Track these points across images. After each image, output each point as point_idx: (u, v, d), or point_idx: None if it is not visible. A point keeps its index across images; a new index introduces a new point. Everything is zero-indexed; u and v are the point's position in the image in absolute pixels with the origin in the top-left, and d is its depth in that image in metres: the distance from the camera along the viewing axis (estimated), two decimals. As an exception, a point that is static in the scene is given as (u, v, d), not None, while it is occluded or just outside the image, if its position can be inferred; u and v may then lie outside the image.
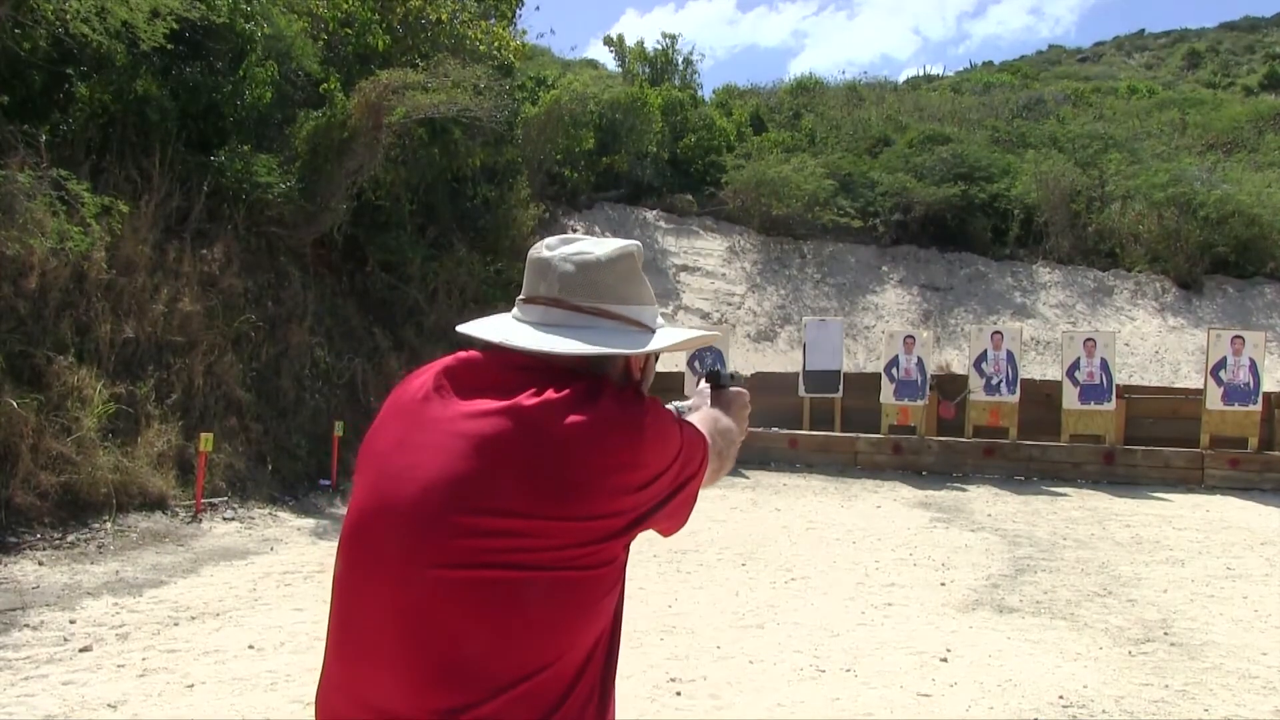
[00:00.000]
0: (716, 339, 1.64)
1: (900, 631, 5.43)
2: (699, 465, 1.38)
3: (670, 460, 1.30)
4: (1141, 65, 36.77)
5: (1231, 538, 8.41)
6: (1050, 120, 24.10)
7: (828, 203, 19.08)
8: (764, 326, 17.51)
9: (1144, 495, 10.66)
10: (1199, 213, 17.83)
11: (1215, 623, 5.72)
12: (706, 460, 1.41)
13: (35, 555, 6.57)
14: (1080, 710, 4.24)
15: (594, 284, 1.34)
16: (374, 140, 10.77)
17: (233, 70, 10.26)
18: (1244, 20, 37.76)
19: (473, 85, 11.37)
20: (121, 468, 7.65)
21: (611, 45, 25.93)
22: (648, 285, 1.41)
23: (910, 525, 8.85)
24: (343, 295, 11.82)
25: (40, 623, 5.21)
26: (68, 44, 8.64)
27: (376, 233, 12.20)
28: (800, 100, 26.27)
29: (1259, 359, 11.37)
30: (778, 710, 4.19)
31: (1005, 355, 12.17)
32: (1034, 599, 6.24)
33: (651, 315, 1.41)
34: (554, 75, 20.05)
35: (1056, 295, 18.15)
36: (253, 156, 10.14)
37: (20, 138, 8.08)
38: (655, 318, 1.42)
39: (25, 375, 7.51)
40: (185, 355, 8.90)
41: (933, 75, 34.30)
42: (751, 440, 12.68)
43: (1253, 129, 22.48)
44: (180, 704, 4.13)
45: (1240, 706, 4.34)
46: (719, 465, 1.52)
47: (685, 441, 1.34)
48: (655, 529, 1.36)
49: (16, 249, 7.39)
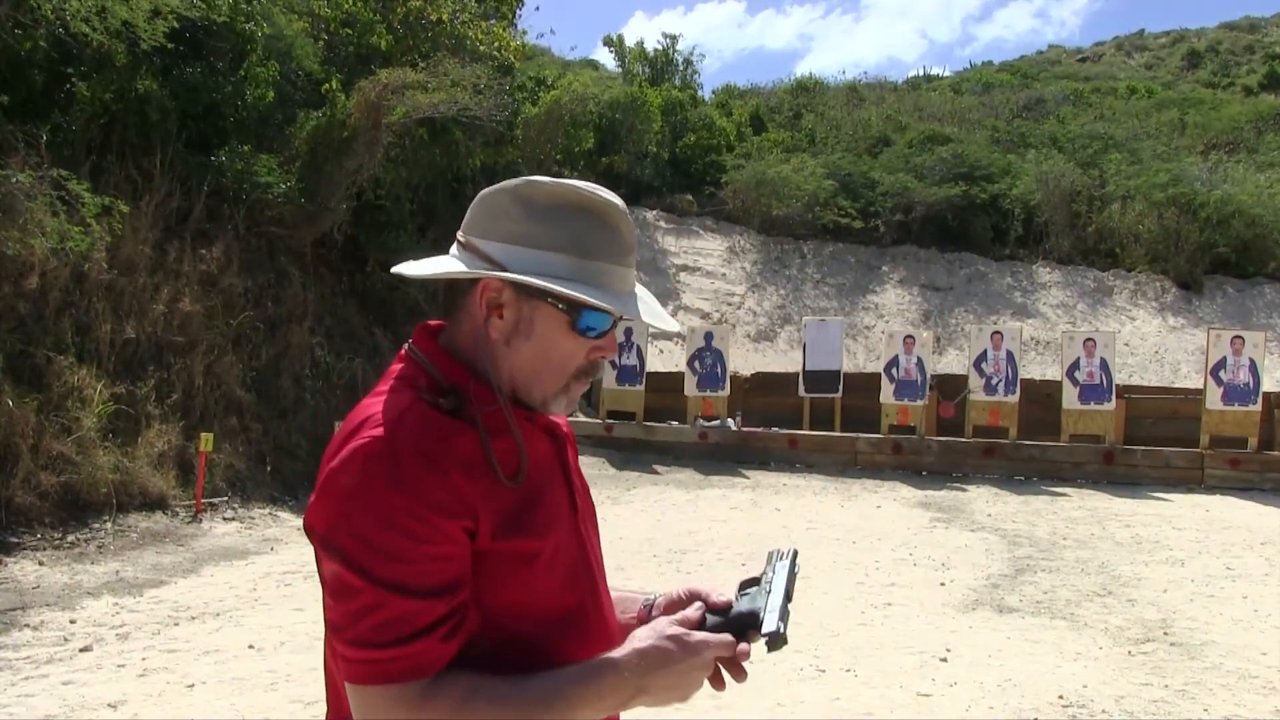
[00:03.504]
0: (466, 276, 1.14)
1: (900, 631, 5.43)
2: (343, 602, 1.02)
3: (330, 530, 1.02)
4: (1141, 65, 36.76)
5: (1231, 538, 8.40)
6: (1050, 120, 24.10)
7: (828, 203, 19.08)
8: (764, 326, 17.52)
9: (1144, 495, 10.65)
10: (1199, 213, 17.83)
11: (1215, 623, 5.72)
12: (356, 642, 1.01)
13: (35, 555, 6.57)
14: (1080, 710, 4.24)
15: (469, 214, 1.17)
16: (374, 140, 10.78)
17: (233, 70, 10.27)
18: (1244, 20, 37.75)
19: (473, 85, 11.38)
20: (121, 468, 7.66)
21: (611, 45, 25.94)
22: (547, 228, 1.11)
23: (910, 525, 8.84)
24: (343, 295, 11.83)
25: (40, 623, 5.21)
26: (68, 43, 8.64)
27: (376, 233, 12.20)
28: (800, 100, 26.27)
29: (1259, 359, 11.37)
30: (778, 710, 4.19)
31: (1005, 355, 12.16)
32: (1034, 599, 6.24)
33: (527, 259, 1.10)
34: (554, 75, 20.05)
35: (1056, 295, 18.15)
36: (253, 156, 10.15)
37: (20, 138, 8.08)
38: (535, 263, 1.10)
39: (25, 375, 7.51)
40: (185, 355, 8.91)
41: (933, 75, 34.29)
42: (752, 440, 12.59)
43: (1253, 129, 22.47)
44: (180, 704, 4.13)
45: (1240, 706, 4.34)
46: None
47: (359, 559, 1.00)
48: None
49: (17, 249, 7.40)
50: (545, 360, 1.14)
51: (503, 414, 1.11)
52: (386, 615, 0.99)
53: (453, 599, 1.02)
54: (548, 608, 1.12)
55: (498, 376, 1.13)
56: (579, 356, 1.15)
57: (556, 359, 1.14)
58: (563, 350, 1.13)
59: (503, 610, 1.08)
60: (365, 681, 1.00)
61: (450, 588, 1.02)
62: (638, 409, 13.04)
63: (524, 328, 1.13)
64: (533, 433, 1.17)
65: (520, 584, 1.08)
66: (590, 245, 1.12)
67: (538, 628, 1.10)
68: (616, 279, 1.14)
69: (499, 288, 1.12)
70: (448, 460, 1.04)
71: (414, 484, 1.01)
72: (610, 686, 1.06)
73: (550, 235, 1.11)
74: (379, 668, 0.99)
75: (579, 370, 1.16)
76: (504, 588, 1.07)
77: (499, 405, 1.11)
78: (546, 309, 1.12)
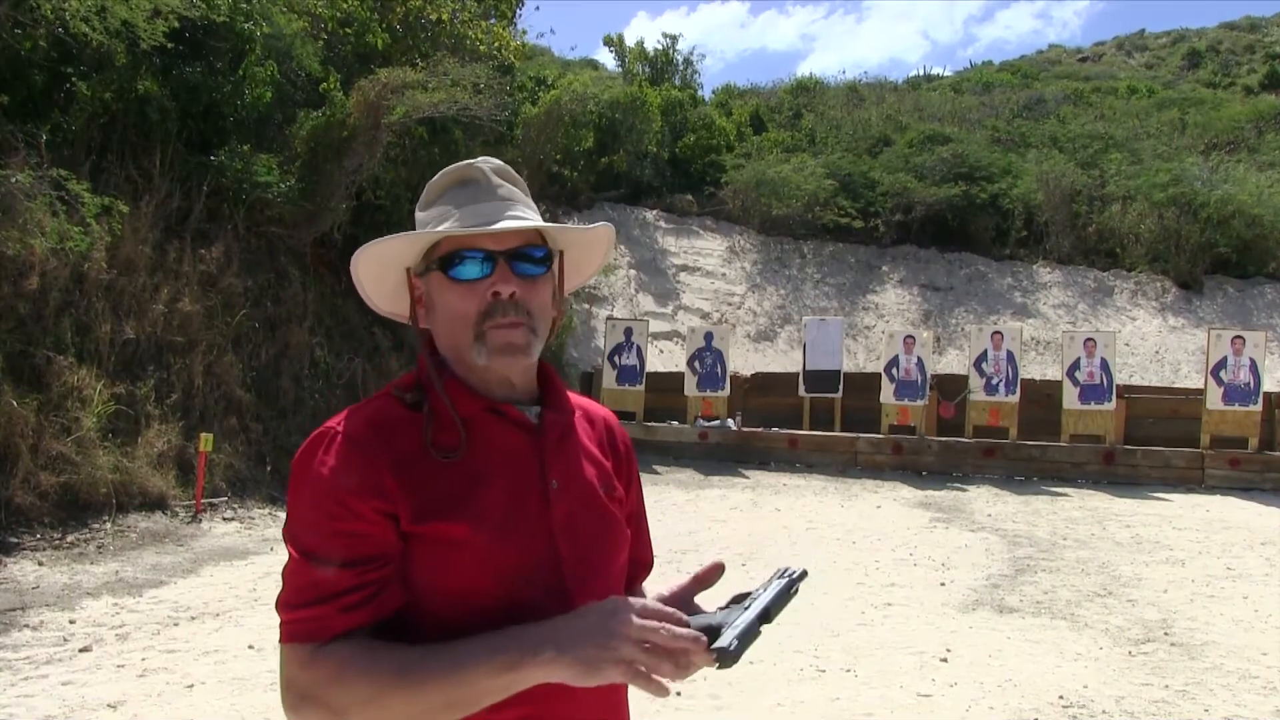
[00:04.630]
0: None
1: (900, 631, 5.43)
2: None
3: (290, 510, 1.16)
4: (1141, 65, 36.74)
5: (1231, 538, 8.40)
6: (1050, 120, 24.08)
7: (828, 203, 19.08)
8: (764, 326, 17.51)
9: (1144, 495, 10.65)
10: (1200, 213, 17.83)
11: (1215, 623, 5.71)
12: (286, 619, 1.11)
13: (35, 555, 6.57)
14: (1080, 710, 4.24)
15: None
16: (373, 140, 10.77)
17: (233, 70, 10.26)
18: (1244, 20, 37.71)
19: (472, 84, 11.37)
20: (121, 468, 7.65)
21: (611, 45, 25.92)
22: (426, 213, 1.26)
23: (910, 525, 8.84)
24: (343, 295, 11.81)
25: (40, 623, 5.21)
26: (68, 43, 8.64)
27: (376, 233, 12.02)
28: (800, 100, 26.25)
29: (1259, 359, 11.37)
30: (778, 710, 4.19)
31: (1005, 355, 12.16)
32: (1034, 599, 6.24)
33: (428, 218, 1.25)
34: (554, 75, 20.04)
35: (1057, 295, 18.14)
36: (253, 156, 10.14)
37: (20, 138, 8.08)
38: (436, 224, 1.23)
39: (25, 375, 7.51)
40: (185, 355, 8.91)
41: (933, 75, 34.27)
42: (752, 440, 12.59)
43: (1253, 129, 22.45)
44: (180, 704, 4.13)
45: (1240, 706, 4.33)
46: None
47: (297, 530, 1.13)
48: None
49: (17, 249, 7.40)
50: (450, 317, 1.22)
51: (442, 400, 1.19)
52: (301, 581, 1.10)
53: (362, 574, 1.09)
54: (490, 597, 1.13)
55: (447, 359, 1.24)
56: (470, 302, 1.20)
57: (453, 312, 1.21)
58: (451, 301, 1.21)
59: (432, 594, 1.13)
60: (280, 639, 1.12)
61: (358, 562, 1.09)
62: (638, 409, 13.03)
63: (429, 300, 1.25)
64: (494, 424, 1.21)
65: (446, 568, 1.12)
66: (449, 209, 1.23)
67: (479, 618, 1.11)
68: (469, 216, 1.21)
69: (414, 281, 1.26)
70: (378, 447, 1.14)
71: (338, 467, 1.12)
72: (506, 639, 1.05)
73: (427, 216, 1.26)
74: (285, 628, 1.11)
75: (480, 314, 1.20)
76: (429, 570, 1.13)
77: (445, 394, 1.19)
78: (434, 277, 1.22)
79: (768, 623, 1.11)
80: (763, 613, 1.10)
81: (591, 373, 14.03)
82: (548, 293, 1.26)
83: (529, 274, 1.22)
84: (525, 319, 1.21)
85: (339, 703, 1.06)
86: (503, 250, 1.20)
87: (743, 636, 1.06)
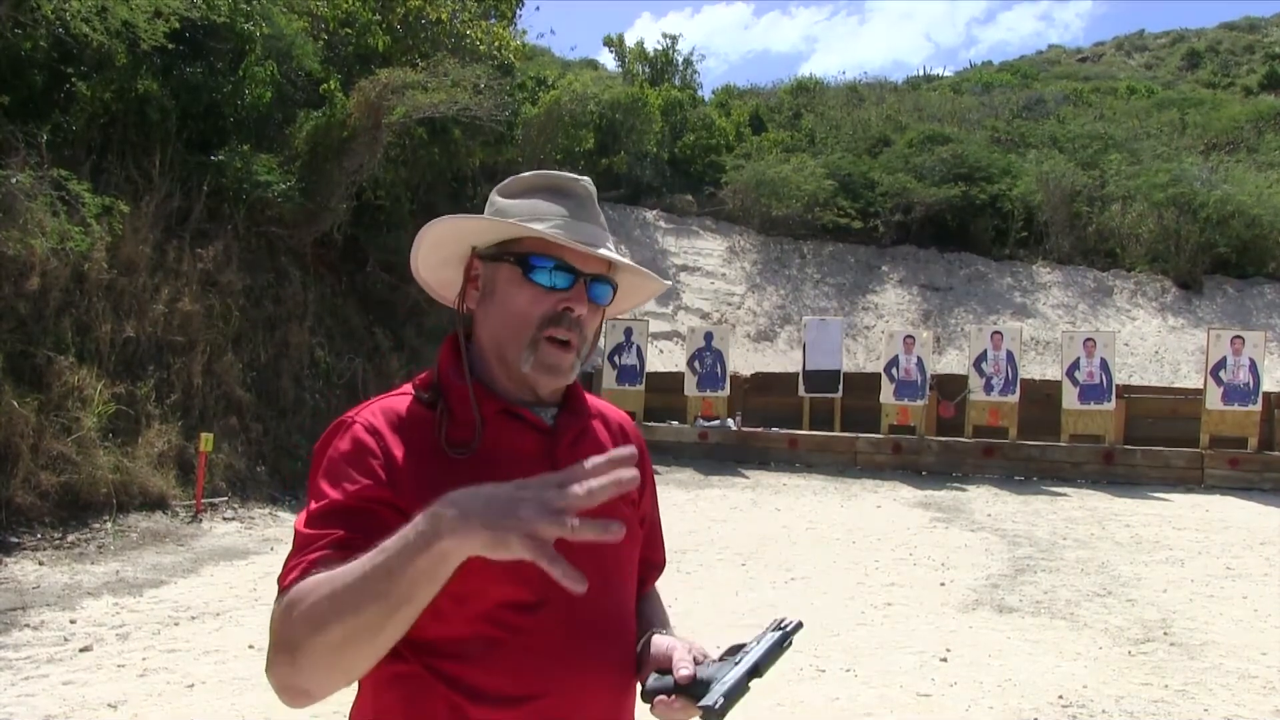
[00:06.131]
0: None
1: (900, 631, 5.43)
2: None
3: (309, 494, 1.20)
4: (1141, 65, 36.76)
5: (1231, 538, 8.40)
6: (1050, 120, 24.09)
7: (828, 203, 19.08)
8: (764, 326, 17.52)
9: (1144, 495, 10.66)
10: (1199, 213, 17.84)
11: (1215, 623, 5.72)
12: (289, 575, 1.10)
13: (35, 555, 6.57)
14: (1080, 710, 4.24)
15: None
16: (374, 140, 10.77)
17: (233, 70, 10.26)
18: (1244, 20, 37.73)
19: (472, 85, 11.37)
20: (121, 468, 7.66)
21: (611, 45, 25.92)
22: (513, 203, 1.28)
23: (910, 525, 8.84)
24: (343, 295, 11.83)
25: (40, 623, 5.21)
26: (68, 43, 8.64)
27: (376, 233, 12.19)
28: (800, 100, 26.26)
29: (1259, 359, 11.37)
30: (778, 710, 4.19)
31: (1005, 355, 12.16)
32: (1034, 599, 6.24)
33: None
34: (554, 75, 20.05)
35: (1056, 295, 18.15)
36: (253, 156, 10.14)
37: (21, 138, 8.07)
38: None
39: (25, 375, 7.51)
40: (185, 355, 8.91)
41: (933, 75, 34.28)
42: (751, 440, 12.60)
43: (1253, 129, 22.47)
44: (180, 704, 4.13)
45: (1240, 706, 4.34)
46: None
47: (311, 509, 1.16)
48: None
49: (17, 249, 7.39)
50: (512, 312, 1.23)
51: (459, 396, 1.23)
52: (298, 541, 1.15)
53: (335, 540, 1.10)
54: (493, 597, 1.14)
55: (481, 349, 1.27)
56: (538, 307, 1.22)
57: (518, 310, 1.23)
58: (519, 301, 1.23)
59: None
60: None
61: (336, 527, 1.12)
62: (638, 409, 13.03)
63: (488, 286, 1.26)
64: (510, 426, 1.24)
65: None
66: (543, 210, 1.25)
67: (482, 618, 1.14)
68: (574, 229, 1.24)
69: (474, 262, 1.27)
70: (392, 439, 1.19)
71: (351, 452, 1.17)
72: (419, 518, 0.99)
73: (514, 207, 1.26)
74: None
75: (542, 319, 1.22)
76: None
77: (470, 394, 1.22)
78: (505, 268, 1.24)
79: (758, 678, 1.15)
80: (752, 668, 1.15)
81: (591, 373, 14.03)
82: (599, 321, 1.31)
83: (599, 301, 1.28)
84: (579, 340, 1.25)
85: (289, 636, 1.03)
86: (587, 272, 1.25)
87: (729, 694, 1.10)
